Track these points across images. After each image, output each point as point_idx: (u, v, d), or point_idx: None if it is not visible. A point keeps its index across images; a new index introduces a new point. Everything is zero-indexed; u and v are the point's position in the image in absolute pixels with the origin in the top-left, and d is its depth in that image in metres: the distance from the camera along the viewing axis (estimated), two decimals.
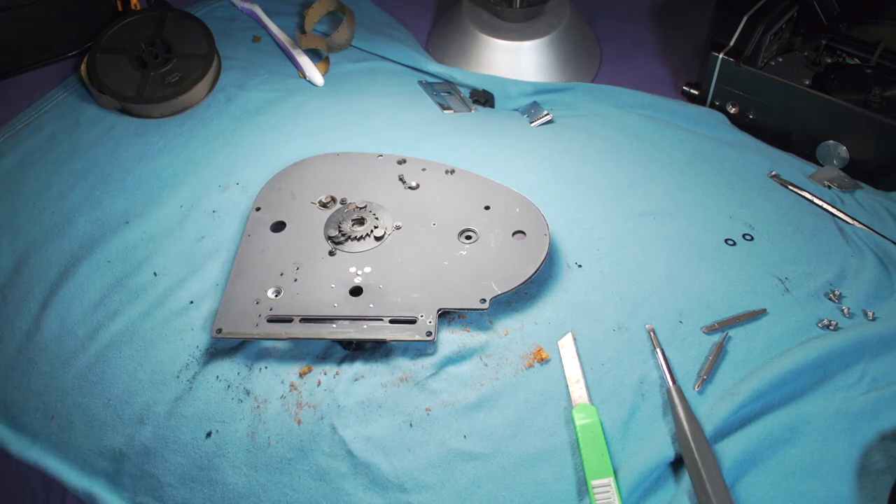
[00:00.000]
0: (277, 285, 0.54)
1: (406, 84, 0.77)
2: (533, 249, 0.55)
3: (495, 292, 0.52)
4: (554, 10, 0.85)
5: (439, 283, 0.53)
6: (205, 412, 0.49)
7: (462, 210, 0.58)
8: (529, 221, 0.57)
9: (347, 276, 0.54)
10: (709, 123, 0.73)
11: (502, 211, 0.58)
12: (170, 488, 0.48)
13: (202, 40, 0.74)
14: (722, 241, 0.59)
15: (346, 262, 0.55)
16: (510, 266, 0.54)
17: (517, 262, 0.54)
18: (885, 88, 0.69)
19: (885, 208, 0.64)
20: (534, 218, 0.57)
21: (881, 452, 0.46)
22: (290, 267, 0.55)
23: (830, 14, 0.76)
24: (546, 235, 0.56)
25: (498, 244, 0.55)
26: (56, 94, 0.73)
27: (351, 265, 0.54)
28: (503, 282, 0.53)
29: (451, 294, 0.52)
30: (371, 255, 0.55)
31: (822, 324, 0.53)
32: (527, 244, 0.55)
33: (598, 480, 0.45)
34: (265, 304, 0.52)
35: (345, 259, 0.55)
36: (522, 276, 0.53)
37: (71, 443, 0.50)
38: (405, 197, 0.60)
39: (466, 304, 0.52)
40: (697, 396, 0.49)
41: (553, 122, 0.72)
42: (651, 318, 0.53)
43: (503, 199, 0.59)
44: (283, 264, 0.55)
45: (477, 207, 0.58)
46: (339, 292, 0.52)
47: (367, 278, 0.53)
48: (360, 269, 0.54)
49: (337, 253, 0.55)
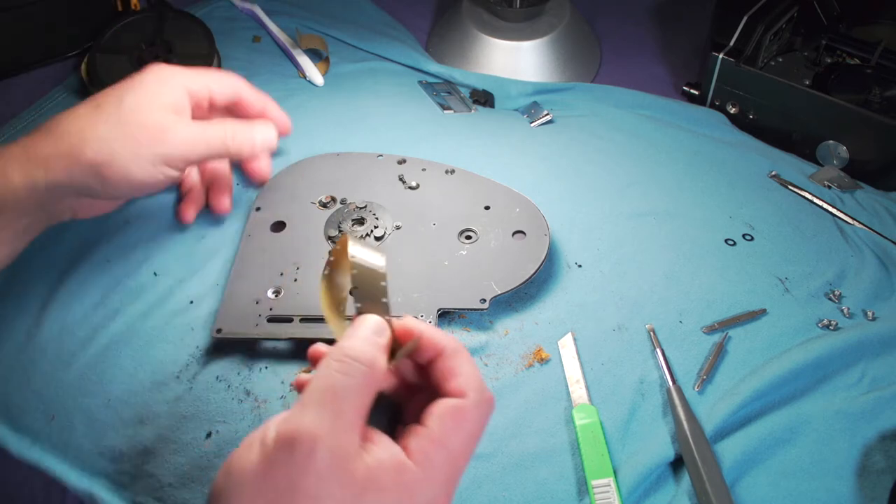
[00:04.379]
0: (277, 285, 0.53)
1: (406, 84, 0.77)
2: (533, 249, 0.55)
3: (495, 292, 0.52)
4: (554, 10, 0.85)
5: (439, 283, 0.53)
6: (205, 412, 0.49)
7: (462, 210, 0.58)
8: (529, 221, 0.57)
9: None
10: (709, 123, 0.73)
11: (502, 211, 0.58)
12: (170, 488, 0.48)
13: (202, 40, 0.74)
14: (722, 241, 0.59)
15: None
16: (510, 266, 0.54)
17: (517, 262, 0.54)
18: (885, 88, 0.69)
19: (885, 208, 0.64)
20: (534, 218, 0.57)
21: (881, 452, 0.46)
22: (291, 267, 0.55)
23: (830, 14, 0.76)
24: (546, 235, 0.56)
25: (498, 244, 0.55)
26: (56, 94, 0.73)
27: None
28: (503, 282, 0.53)
29: (450, 294, 0.52)
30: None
31: (822, 324, 0.53)
32: (527, 244, 0.55)
33: (598, 480, 0.45)
34: (265, 304, 0.52)
35: None
36: (522, 276, 0.53)
37: (71, 443, 0.50)
38: (405, 197, 0.60)
39: (466, 304, 0.52)
40: (697, 396, 0.49)
41: (553, 122, 0.72)
42: (651, 318, 0.53)
43: (503, 199, 0.59)
44: (283, 264, 0.55)
45: (477, 207, 0.58)
46: None
47: None
48: None
49: None
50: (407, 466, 0.32)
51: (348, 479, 0.30)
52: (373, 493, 0.31)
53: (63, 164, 0.47)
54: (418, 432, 0.33)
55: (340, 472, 0.30)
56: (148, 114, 0.49)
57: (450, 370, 0.35)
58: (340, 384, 0.32)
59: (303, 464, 0.30)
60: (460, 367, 0.35)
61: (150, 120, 0.48)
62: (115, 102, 0.49)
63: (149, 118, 0.48)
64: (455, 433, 0.33)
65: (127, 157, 0.47)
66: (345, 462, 0.30)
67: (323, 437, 0.30)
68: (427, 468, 0.32)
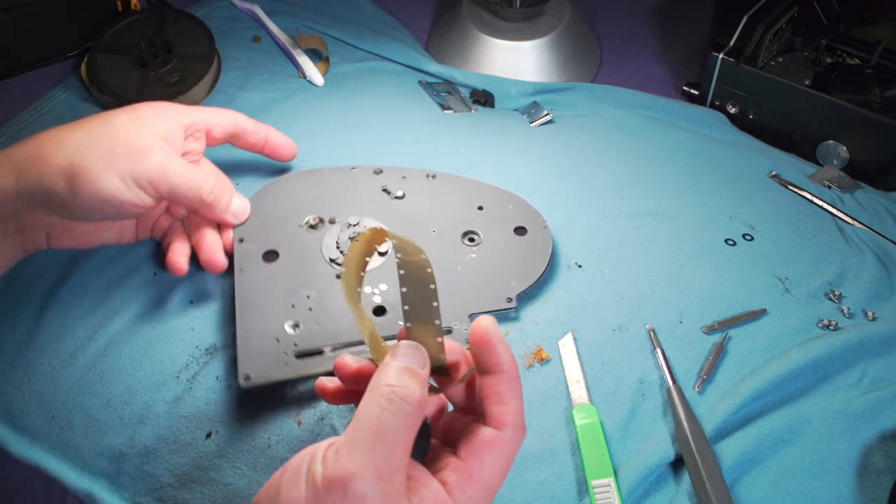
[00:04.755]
0: (294, 318, 0.50)
1: (406, 84, 0.77)
2: (538, 243, 0.55)
3: (518, 289, 0.52)
4: (554, 10, 0.85)
5: (460, 289, 0.52)
6: (205, 412, 0.49)
7: (456, 213, 0.58)
8: (525, 216, 0.57)
9: (364, 297, 0.51)
10: (709, 123, 0.73)
11: (496, 209, 0.58)
12: (170, 488, 0.48)
13: (202, 40, 0.74)
14: (722, 241, 0.59)
15: None
16: (522, 262, 0.54)
17: (527, 256, 0.54)
18: (885, 88, 0.69)
19: (885, 208, 0.64)
20: (529, 212, 0.57)
21: (881, 452, 0.47)
22: (301, 296, 0.51)
23: (830, 14, 0.76)
24: (546, 227, 0.56)
25: (503, 243, 0.55)
26: (56, 94, 0.73)
27: (364, 285, 0.51)
28: (522, 277, 0.53)
29: (475, 298, 0.52)
30: (381, 272, 0.53)
31: (822, 324, 0.53)
32: (530, 239, 0.56)
33: (599, 480, 0.45)
34: (287, 339, 0.49)
35: None
36: (538, 269, 0.54)
37: (71, 443, 0.50)
38: (394, 208, 0.58)
39: (495, 306, 0.52)
40: (697, 396, 0.49)
41: (553, 122, 0.72)
42: (651, 318, 0.53)
43: (493, 197, 0.59)
44: (290, 295, 0.51)
45: (470, 209, 0.58)
46: None
47: (386, 297, 0.51)
48: (376, 288, 0.52)
49: None
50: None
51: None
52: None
53: (35, 166, 0.46)
54: (457, 467, 0.34)
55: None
56: (132, 133, 0.48)
57: (498, 396, 0.35)
58: (391, 426, 0.32)
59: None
60: (509, 397, 0.35)
61: (131, 139, 0.47)
62: (102, 120, 0.48)
63: (131, 137, 0.47)
64: (492, 469, 0.34)
65: (99, 167, 0.46)
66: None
67: (374, 482, 0.30)
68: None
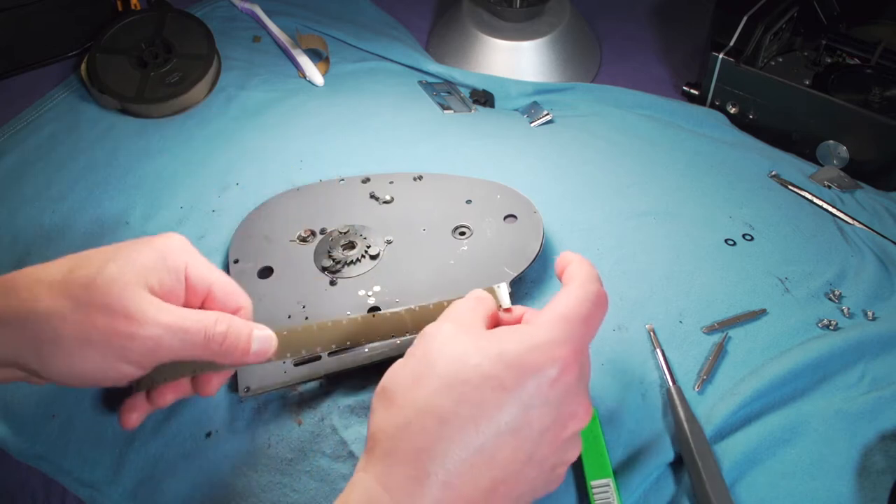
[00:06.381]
0: (290, 329, 0.50)
1: (406, 84, 0.77)
2: (529, 228, 0.56)
3: (511, 275, 0.53)
4: (554, 10, 0.85)
5: (454, 282, 0.53)
6: (205, 412, 0.49)
7: (445, 210, 0.58)
8: (514, 204, 0.57)
9: (359, 300, 0.52)
10: (709, 123, 0.73)
11: (484, 201, 0.58)
12: (170, 489, 0.48)
13: (202, 40, 0.74)
14: (722, 241, 0.59)
15: (352, 288, 0.53)
16: (514, 248, 0.54)
17: (519, 243, 0.55)
18: (885, 88, 0.69)
19: (885, 208, 0.64)
20: (517, 200, 0.58)
21: (881, 452, 0.46)
22: (296, 308, 0.52)
23: (830, 14, 0.76)
24: (536, 213, 0.56)
25: (494, 232, 0.56)
26: (56, 94, 0.73)
27: (358, 289, 0.53)
28: (514, 264, 0.53)
29: (470, 290, 0.51)
30: (374, 275, 0.54)
31: (822, 324, 0.53)
32: (521, 225, 0.56)
33: (598, 481, 0.45)
34: None
35: (348, 285, 0.53)
36: (530, 253, 0.54)
37: (71, 443, 0.50)
38: (384, 212, 0.59)
39: None
40: (697, 396, 0.49)
41: (553, 122, 0.72)
42: (651, 318, 0.53)
43: (480, 190, 0.59)
44: (287, 307, 0.52)
45: (459, 203, 0.58)
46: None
47: (379, 297, 0.52)
48: (369, 290, 0.53)
49: (338, 282, 0.54)
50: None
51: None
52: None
53: (8, 334, 0.38)
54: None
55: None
56: (122, 291, 0.38)
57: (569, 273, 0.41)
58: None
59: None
60: (577, 268, 0.41)
61: (120, 303, 0.37)
62: (95, 268, 0.38)
63: (120, 299, 0.38)
64: (567, 298, 0.39)
65: (75, 344, 0.37)
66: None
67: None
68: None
